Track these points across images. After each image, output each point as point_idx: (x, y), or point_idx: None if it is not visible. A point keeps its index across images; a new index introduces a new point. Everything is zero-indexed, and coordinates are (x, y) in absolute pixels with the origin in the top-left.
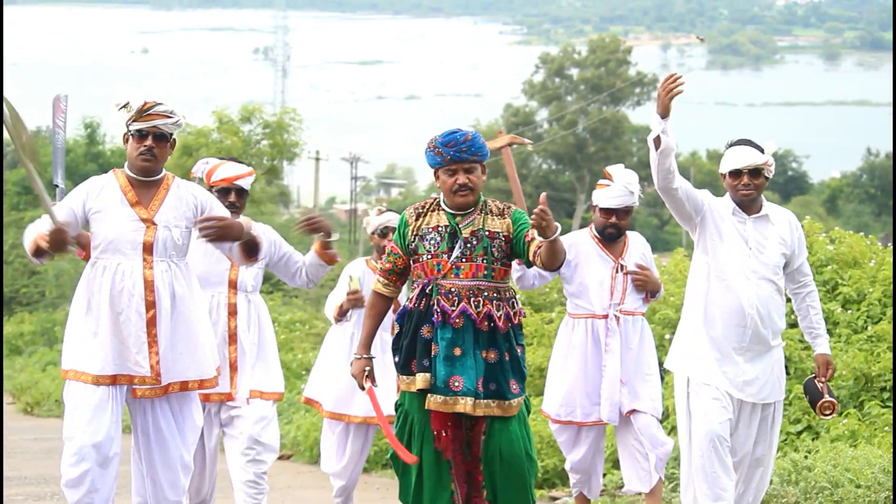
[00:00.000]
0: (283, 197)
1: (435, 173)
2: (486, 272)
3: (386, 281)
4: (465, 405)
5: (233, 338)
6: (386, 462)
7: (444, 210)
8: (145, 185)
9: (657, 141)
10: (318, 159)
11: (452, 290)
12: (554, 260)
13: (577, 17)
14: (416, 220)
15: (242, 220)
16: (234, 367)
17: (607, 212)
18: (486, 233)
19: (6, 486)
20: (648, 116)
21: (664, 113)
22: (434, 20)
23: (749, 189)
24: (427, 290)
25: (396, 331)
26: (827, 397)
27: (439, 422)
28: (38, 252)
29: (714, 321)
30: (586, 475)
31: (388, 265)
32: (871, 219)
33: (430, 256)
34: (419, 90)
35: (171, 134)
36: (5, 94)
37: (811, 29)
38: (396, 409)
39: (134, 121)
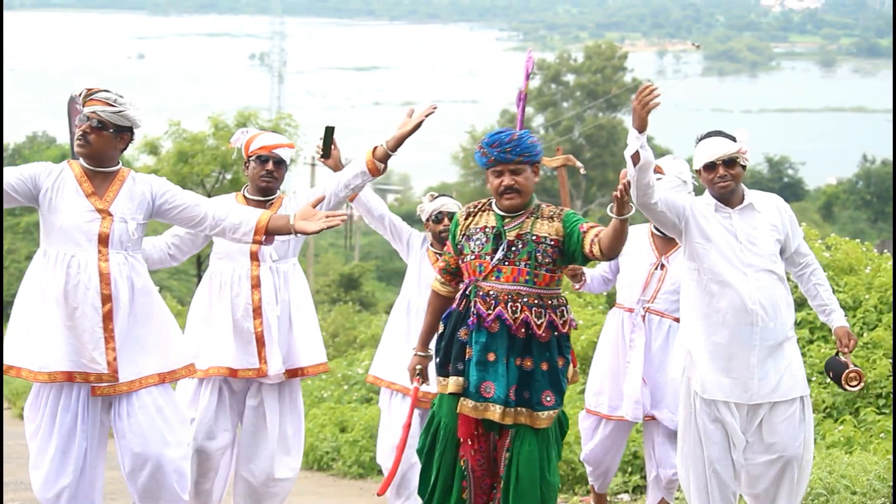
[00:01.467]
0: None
1: (486, 175)
2: (528, 277)
3: (442, 280)
4: (494, 412)
5: (257, 311)
6: (381, 468)
7: (494, 211)
8: (99, 175)
9: (635, 156)
10: (314, 165)
11: (491, 292)
12: (617, 244)
13: (573, 23)
14: (466, 219)
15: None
16: (260, 341)
17: None
18: (533, 237)
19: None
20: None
21: (641, 127)
22: (430, 26)
23: (726, 181)
24: (467, 292)
25: (440, 330)
26: (852, 367)
27: (466, 429)
28: None
29: (717, 327)
30: (598, 469)
31: (442, 264)
32: (867, 225)
33: (473, 257)
34: (415, 96)
35: (112, 123)
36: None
37: (807, 35)
38: (431, 407)
39: (83, 105)
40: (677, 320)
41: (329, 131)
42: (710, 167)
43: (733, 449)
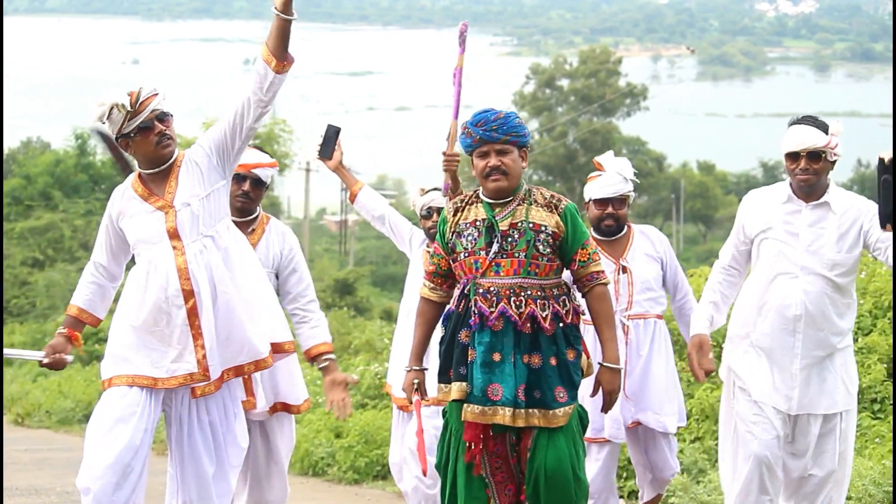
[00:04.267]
0: (274, 208)
1: (471, 159)
2: (528, 268)
3: (432, 284)
4: (503, 416)
5: None
6: (377, 474)
7: (482, 202)
8: (158, 174)
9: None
10: (308, 170)
11: (491, 289)
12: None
13: (567, 28)
14: (455, 215)
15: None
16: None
17: (602, 203)
18: (530, 225)
19: None
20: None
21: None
22: (424, 31)
23: (807, 174)
24: (465, 291)
25: (441, 333)
26: None
27: (472, 433)
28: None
29: (761, 325)
30: (601, 499)
31: (431, 267)
32: None
33: (467, 254)
34: (409, 101)
35: (166, 111)
36: None
37: (802, 40)
38: (443, 416)
39: (130, 118)
40: (660, 317)
41: (333, 131)
42: (794, 157)
43: (779, 441)
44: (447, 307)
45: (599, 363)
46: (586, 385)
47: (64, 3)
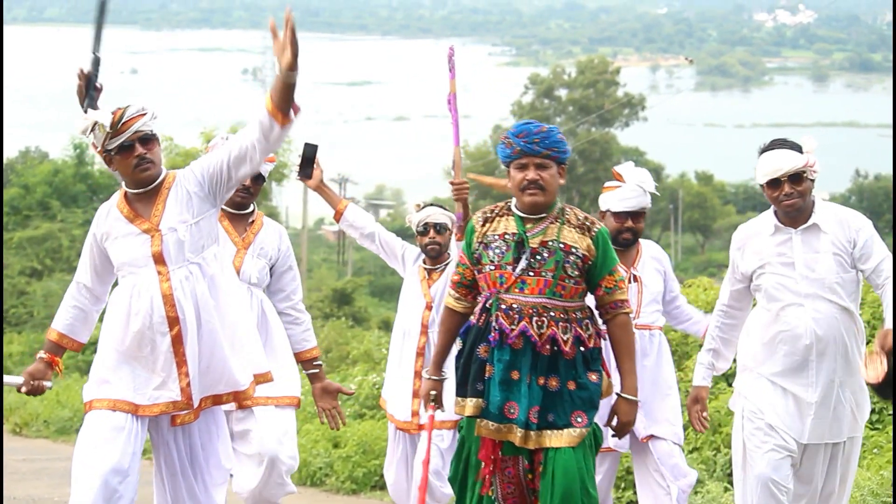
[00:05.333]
0: (272, 218)
1: (507, 170)
2: (554, 289)
3: (457, 295)
4: (515, 435)
5: None
6: (375, 484)
7: (514, 215)
8: (144, 195)
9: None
10: None
11: (514, 306)
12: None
13: (565, 38)
14: (483, 225)
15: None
16: None
17: (621, 216)
18: (561, 245)
19: None
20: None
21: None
22: (423, 41)
23: (792, 198)
24: (487, 305)
25: (459, 347)
26: None
27: (485, 452)
28: None
29: (772, 356)
30: None
31: (456, 277)
32: None
33: (493, 267)
34: (408, 111)
35: (152, 131)
36: None
37: (800, 50)
38: (459, 431)
39: (111, 137)
40: (661, 329)
41: (310, 150)
42: (775, 184)
43: (790, 461)
44: (469, 320)
45: (618, 394)
46: (602, 406)
47: (62, 13)
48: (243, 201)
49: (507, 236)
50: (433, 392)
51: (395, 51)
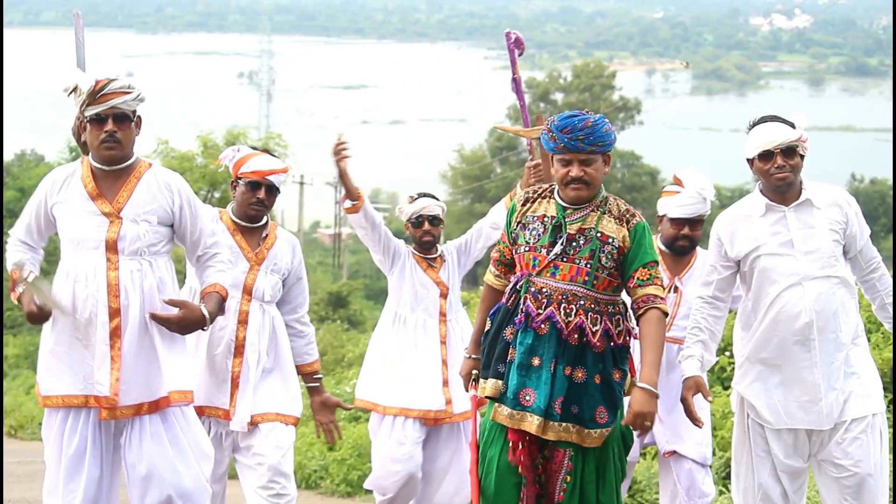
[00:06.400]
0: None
1: (550, 157)
2: (587, 278)
3: (497, 272)
4: (531, 423)
5: (239, 349)
6: None
7: (555, 200)
8: (112, 174)
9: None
10: (302, 184)
11: (544, 290)
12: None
13: (561, 42)
14: (524, 205)
15: (209, 297)
16: (234, 383)
17: (678, 222)
18: (598, 234)
19: None
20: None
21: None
22: (419, 45)
23: (784, 171)
24: (518, 286)
25: (487, 327)
26: None
27: (516, 433)
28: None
29: (769, 345)
30: None
31: (496, 254)
32: None
33: (527, 248)
34: (404, 115)
35: (134, 112)
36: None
37: (796, 55)
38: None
39: (88, 104)
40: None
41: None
42: (767, 156)
43: (782, 477)
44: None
45: (633, 382)
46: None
47: (58, 16)
48: (257, 214)
49: (545, 219)
50: (475, 371)
51: (390, 54)
